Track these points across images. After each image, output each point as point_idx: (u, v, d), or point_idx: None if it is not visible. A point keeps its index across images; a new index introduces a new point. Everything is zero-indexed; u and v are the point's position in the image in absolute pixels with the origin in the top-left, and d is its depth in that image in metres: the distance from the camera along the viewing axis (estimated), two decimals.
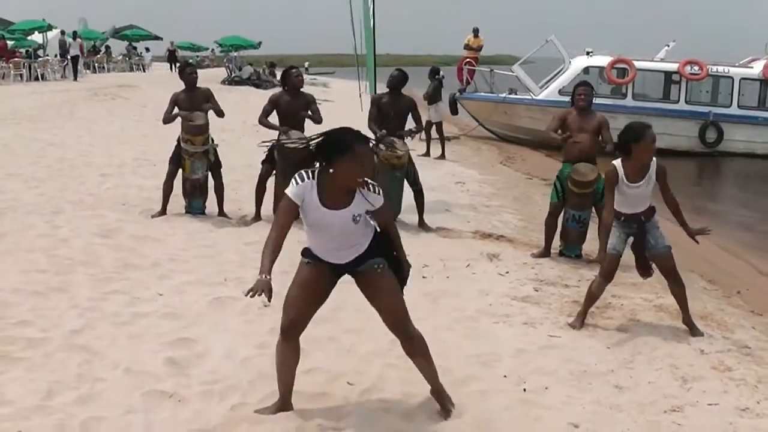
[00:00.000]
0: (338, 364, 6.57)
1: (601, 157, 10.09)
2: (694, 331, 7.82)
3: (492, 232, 11.93)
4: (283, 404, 5.75)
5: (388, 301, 5.54)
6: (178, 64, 56.15)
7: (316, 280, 5.55)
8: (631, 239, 7.98)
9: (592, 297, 7.96)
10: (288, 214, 5.31)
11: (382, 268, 5.53)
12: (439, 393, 5.85)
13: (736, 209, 19.60)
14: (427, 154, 21.21)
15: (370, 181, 5.33)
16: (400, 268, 5.63)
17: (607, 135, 10.29)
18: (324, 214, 5.27)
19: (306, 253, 5.59)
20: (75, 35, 44.03)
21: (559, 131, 10.43)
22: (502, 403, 6.09)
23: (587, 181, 10.19)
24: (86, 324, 7.21)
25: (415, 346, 5.64)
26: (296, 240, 5.70)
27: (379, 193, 5.37)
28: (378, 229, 5.56)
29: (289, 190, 5.29)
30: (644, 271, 8.21)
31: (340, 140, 5.19)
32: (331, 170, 5.18)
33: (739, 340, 7.87)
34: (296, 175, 5.34)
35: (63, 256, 9.27)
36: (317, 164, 5.30)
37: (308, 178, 5.28)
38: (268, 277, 5.12)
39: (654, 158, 7.56)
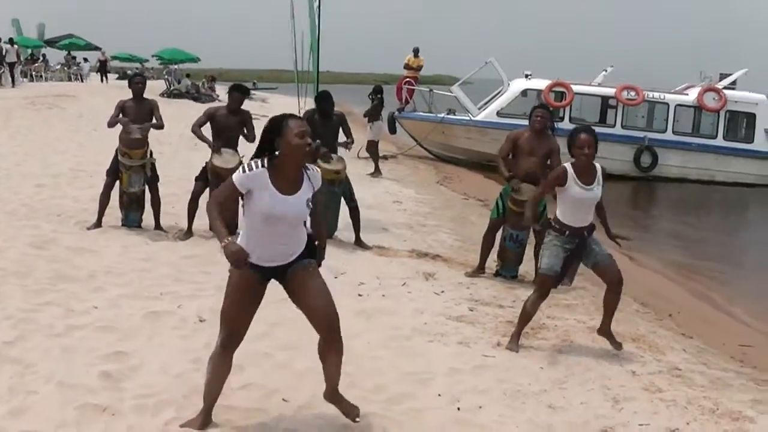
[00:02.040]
0: (274, 380, 6.57)
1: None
2: (612, 342, 7.97)
3: (428, 252, 12.00)
4: (207, 418, 5.72)
5: (320, 302, 5.49)
6: (108, 75, 55.41)
7: (251, 287, 5.51)
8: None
9: (526, 315, 8.01)
10: (227, 196, 5.40)
11: (314, 267, 5.57)
12: (338, 395, 5.78)
13: (669, 233, 19.90)
14: (377, 172, 21.26)
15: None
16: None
17: (556, 161, 10.33)
18: (278, 202, 5.27)
19: None
20: (12, 42, 43.44)
21: (508, 170, 10.48)
22: (436, 421, 6.14)
23: (526, 200, 10.27)
24: (19, 335, 7.11)
25: (340, 346, 5.58)
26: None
27: (317, 171, 5.54)
28: (310, 233, 5.61)
29: (235, 177, 5.31)
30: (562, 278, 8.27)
31: (275, 122, 5.29)
32: (277, 153, 5.29)
33: (670, 362, 8.01)
34: (246, 164, 5.34)
35: None
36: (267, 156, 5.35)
37: (260, 166, 5.30)
38: (230, 238, 5.19)
39: (597, 164, 7.77)
